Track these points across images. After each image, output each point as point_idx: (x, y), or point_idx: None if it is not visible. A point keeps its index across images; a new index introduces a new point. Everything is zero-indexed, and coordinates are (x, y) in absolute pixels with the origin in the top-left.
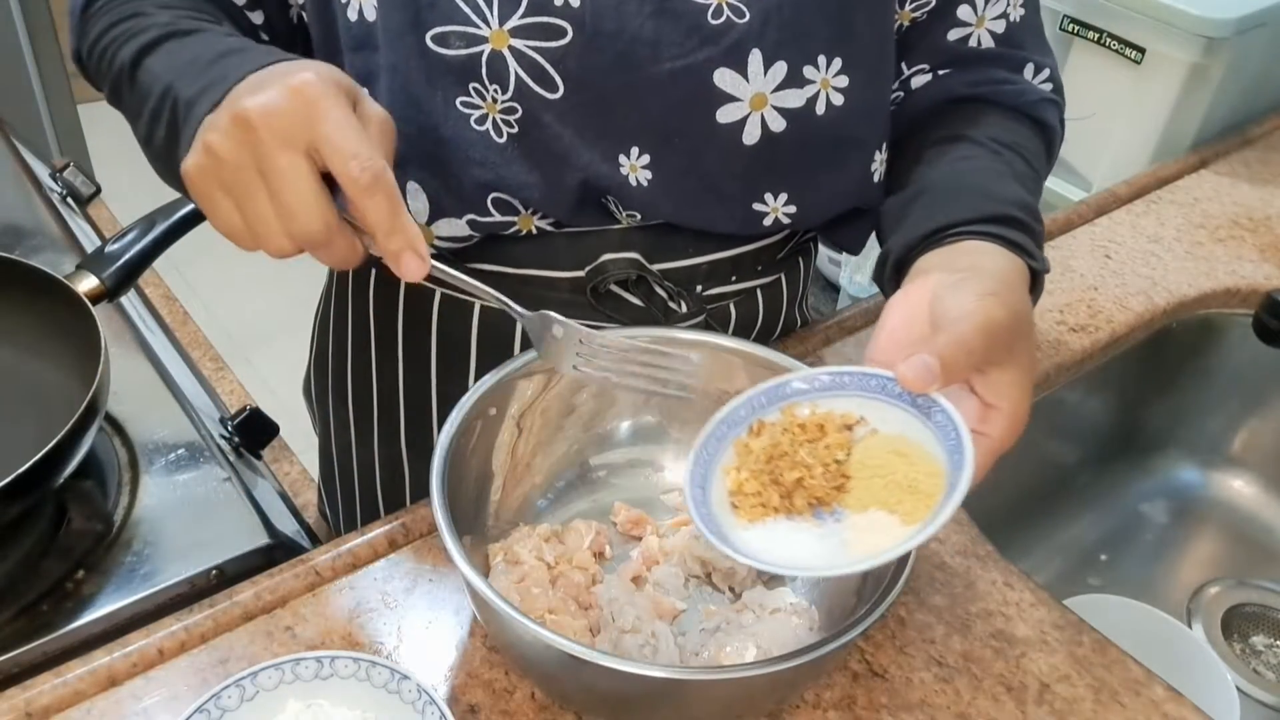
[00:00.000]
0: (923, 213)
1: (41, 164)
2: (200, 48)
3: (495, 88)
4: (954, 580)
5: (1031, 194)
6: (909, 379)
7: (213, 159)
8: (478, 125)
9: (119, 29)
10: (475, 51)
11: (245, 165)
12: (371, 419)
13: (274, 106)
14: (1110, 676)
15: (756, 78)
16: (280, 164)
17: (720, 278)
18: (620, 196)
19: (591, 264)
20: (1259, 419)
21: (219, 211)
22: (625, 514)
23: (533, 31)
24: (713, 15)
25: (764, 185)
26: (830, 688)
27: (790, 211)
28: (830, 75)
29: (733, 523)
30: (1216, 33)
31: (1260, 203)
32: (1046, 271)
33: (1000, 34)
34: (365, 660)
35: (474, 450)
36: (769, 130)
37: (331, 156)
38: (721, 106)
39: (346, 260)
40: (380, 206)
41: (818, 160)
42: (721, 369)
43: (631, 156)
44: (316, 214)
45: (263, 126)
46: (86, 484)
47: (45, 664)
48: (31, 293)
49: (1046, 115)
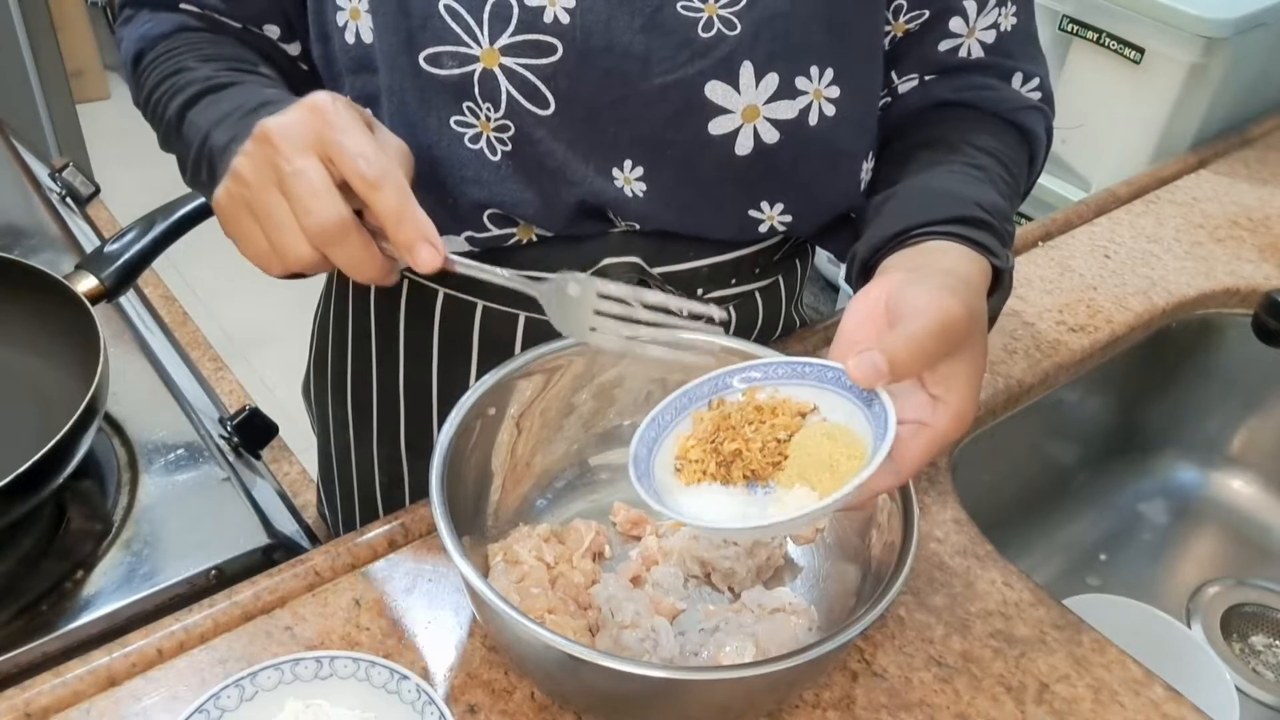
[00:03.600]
0: (890, 216)
1: (41, 164)
2: (240, 98)
3: (488, 106)
4: (954, 580)
5: (1005, 197)
6: (856, 375)
7: (238, 182)
8: (471, 144)
9: (165, 85)
10: (467, 71)
11: (266, 182)
12: (371, 419)
13: (288, 120)
14: (1110, 676)
15: (748, 90)
16: (295, 167)
17: (720, 281)
18: (617, 208)
19: (593, 268)
20: (1258, 419)
21: (247, 236)
22: (625, 514)
23: (523, 49)
24: (703, 29)
25: (758, 194)
26: (830, 688)
27: (786, 220)
28: (822, 86)
29: (672, 484)
30: (1216, 33)
31: (1259, 203)
32: (1009, 269)
33: (990, 44)
34: (365, 660)
35: (473, 450)
36: (761, 141)
37: (340, 157)
38: (713, 119)
39: (363, 263)
40: (389, 198)
41: (811, 170)
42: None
43: (625, 170)
44: (330, 206)
45: (279, 138)
46: (86, 484)
47: (45, 664)
48: (31, 293)
49: (1030, 122)
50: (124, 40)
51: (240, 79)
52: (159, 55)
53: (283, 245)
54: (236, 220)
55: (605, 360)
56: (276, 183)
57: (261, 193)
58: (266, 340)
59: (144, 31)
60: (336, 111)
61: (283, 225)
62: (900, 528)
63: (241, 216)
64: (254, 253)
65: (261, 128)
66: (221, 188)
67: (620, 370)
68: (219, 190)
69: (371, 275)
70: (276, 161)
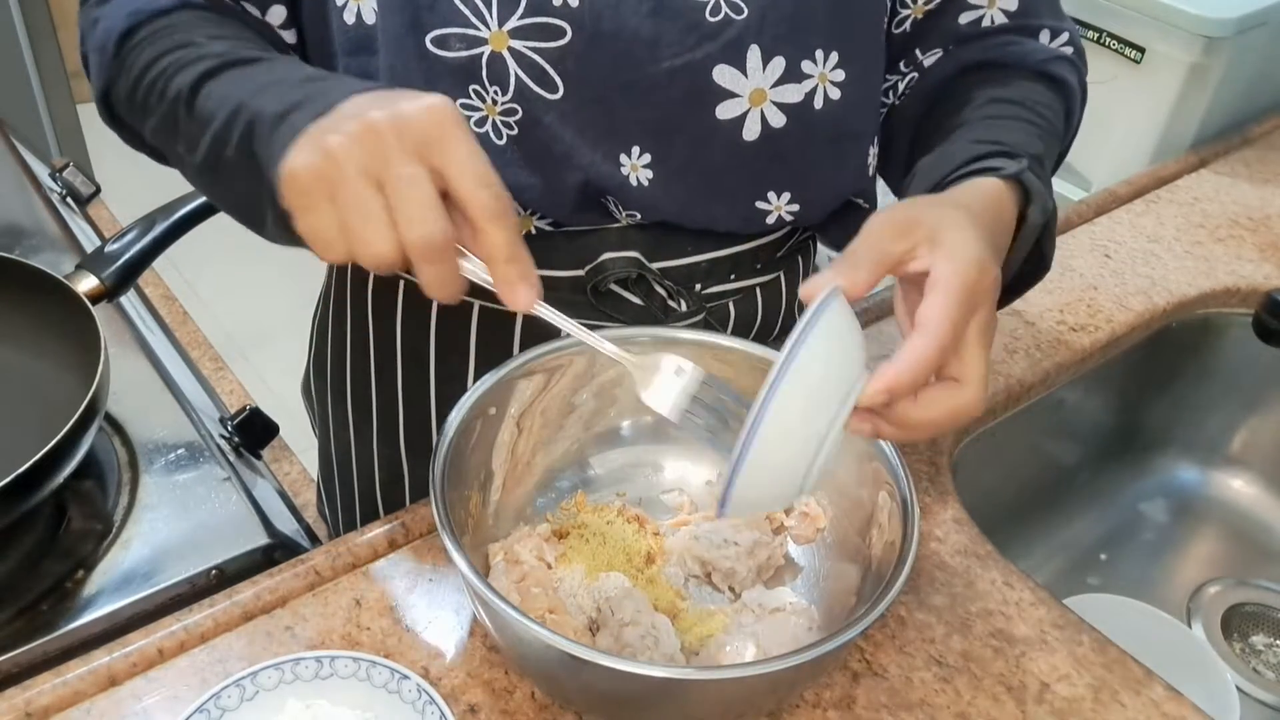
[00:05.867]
0: (916, 186)
1: (41, 164)
2: (282, 71)
3: (495, 89)
4: (954, 580)
5: (1039, 138)
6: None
7: (329, 160)
8: (477, 128)
9: (170, 58)
10: (475, 53)
11: (365, 171)
12: (371, 419)
13: (408, 120)
14: (1110, 676)
15: (755, 73)
16: (406, 172)
17: (719, 276)
18: (621, 196)
19: (591, 263)
20: (1258, 418)
21: (316, 213)
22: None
23: (532, 32)
24: (710, 12)
25: (766, 183)
26: (830, 687)
27: (793, 210)
28: (828, 70)
29: None
30: (1216, 32)
31: (1260, 202)
32: (1043, 204)
33: (1013, 10)
34: (365, 660)
35: (474, 449)
36: (769, 126)
37: (461, 178)
38: (721, 103)
39: (445, 283)
40: (504, 233)
41: (817, 155)
42: (720, 370)
43: (633, 156)
44: (439, 223)
45: (393, 135)
46: (86, 484)
47: (45, 664)
48: (31, 293)
49: (1060, 71)
50: (105, 17)
51: (269, 55)
52: (157, 31)
53: (364, 239)
54: (309, 193)
55: (605, 360)
56: (378, 176)
57: (357, 182)
58: (266, 340)
59: (138, 6)
60: (463, 125)
61: (371, 219)
62: (900, 528)
63: (318, 194)
64: (314, 229)
65: (374, 119)
66: (302, 159)
67: (620, 371)
68: (297, 160)
69: (450, 295)
70: (388, 156)
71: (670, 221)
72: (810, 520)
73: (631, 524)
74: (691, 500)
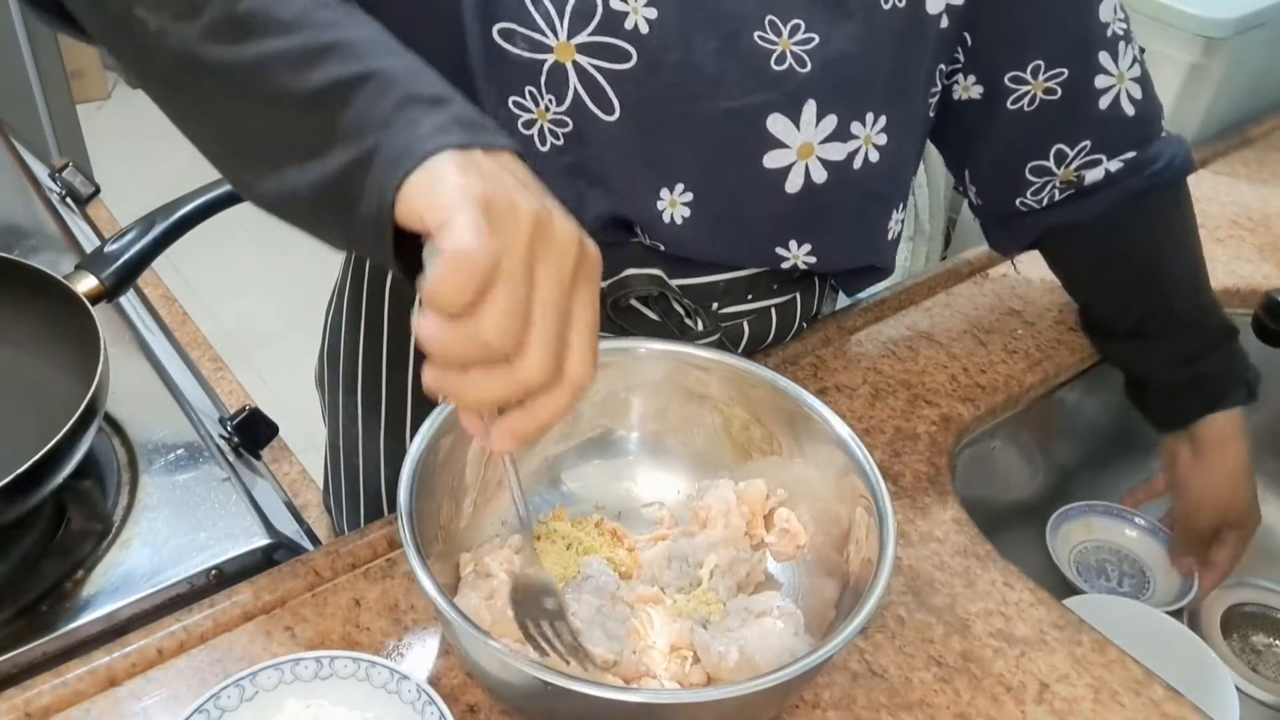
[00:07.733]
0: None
1: (40, 164)
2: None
3: (550, 98)
4: (954, 580)
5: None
6: None
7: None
8: (524, 129)
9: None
10: (539, 58)
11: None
12: (379, 414)
13: (568, 241)
14: (1110, 676)
15: (808, 127)
16: (582, 296)
17: (737, 296)
18: (649, 228)
19: (614, 278)
20: (1258, 419)
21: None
22: (600, 527)
23: (598, 50)
24: (776, 61)
25: (788, 233)
26: (830, 687)
27: (810, 261)
28: (873, 132)
29: None
30: (1216, 33)
31: (1259, 202)
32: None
33: (1138, 97)
34: (365, 660)
35: (446, 463)
36: (811, 180)
37: (583, 337)
38: (769, 151)
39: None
40: (564, 405)
41: (841, 213)
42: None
43: (675, 192)
44: (593, 367)
45: (553, 246)
46: (86, 484)
47: (45, 664)
48: (31, 293)
49: (1181, 171)
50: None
51: None
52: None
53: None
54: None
55: None
56: (545, 293)
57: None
58: (266, 340)
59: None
60: (597, 281)
61: (546, 340)
62: (877, 544)
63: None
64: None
65: (539, 212)
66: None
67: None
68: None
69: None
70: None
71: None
72: (790, 537)
73: (605, 536)
74: (671, 514)
